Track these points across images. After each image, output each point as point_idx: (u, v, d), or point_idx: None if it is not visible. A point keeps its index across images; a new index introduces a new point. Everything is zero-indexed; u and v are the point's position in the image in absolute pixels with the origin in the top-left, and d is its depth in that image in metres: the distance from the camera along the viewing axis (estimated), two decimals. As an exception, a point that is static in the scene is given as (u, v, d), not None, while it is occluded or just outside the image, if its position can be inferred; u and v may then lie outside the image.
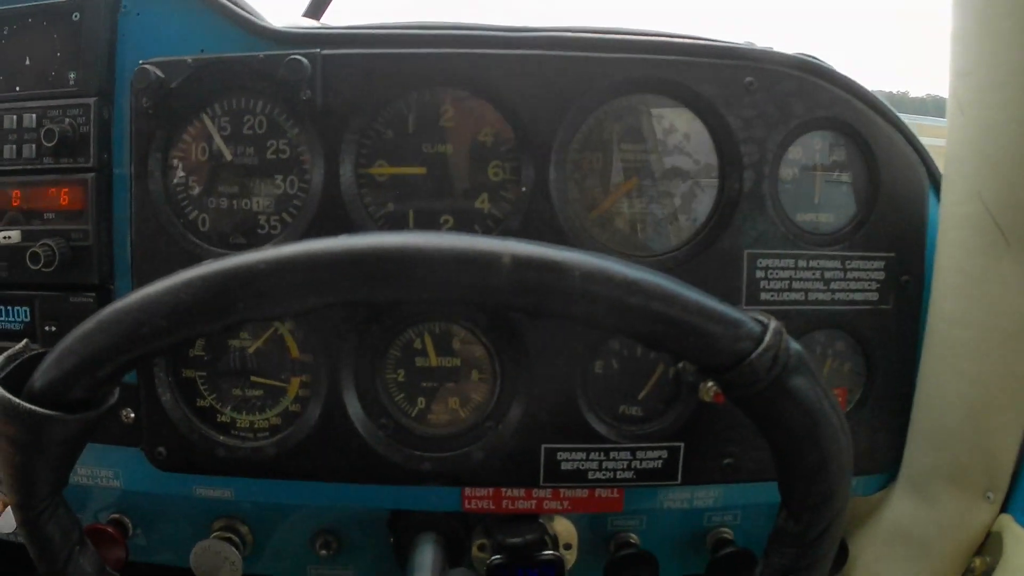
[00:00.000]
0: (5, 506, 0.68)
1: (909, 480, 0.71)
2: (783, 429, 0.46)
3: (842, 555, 0.74)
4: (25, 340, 0.48)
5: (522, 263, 0.42)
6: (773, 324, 0.45)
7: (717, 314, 0.44)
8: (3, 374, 0.45)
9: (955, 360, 0.65)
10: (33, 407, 0.44)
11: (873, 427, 0.69)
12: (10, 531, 0.70)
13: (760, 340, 0.44)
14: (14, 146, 0.65)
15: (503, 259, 0.42)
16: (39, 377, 0.45)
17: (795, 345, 0.45)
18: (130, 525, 0.72)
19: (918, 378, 0.67)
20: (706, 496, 0.69)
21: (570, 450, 0.63)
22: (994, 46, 0.57)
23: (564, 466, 0.63)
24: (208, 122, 0.63)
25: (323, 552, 0.70)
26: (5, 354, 0.46)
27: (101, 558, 0.50)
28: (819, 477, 0.46)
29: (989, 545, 0.66)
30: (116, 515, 0.72)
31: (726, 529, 0.73)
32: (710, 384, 0.49)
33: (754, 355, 0.43)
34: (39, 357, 0.46)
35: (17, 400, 0.44)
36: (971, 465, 0.66)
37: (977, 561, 0.67)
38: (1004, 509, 0.66)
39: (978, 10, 0.57)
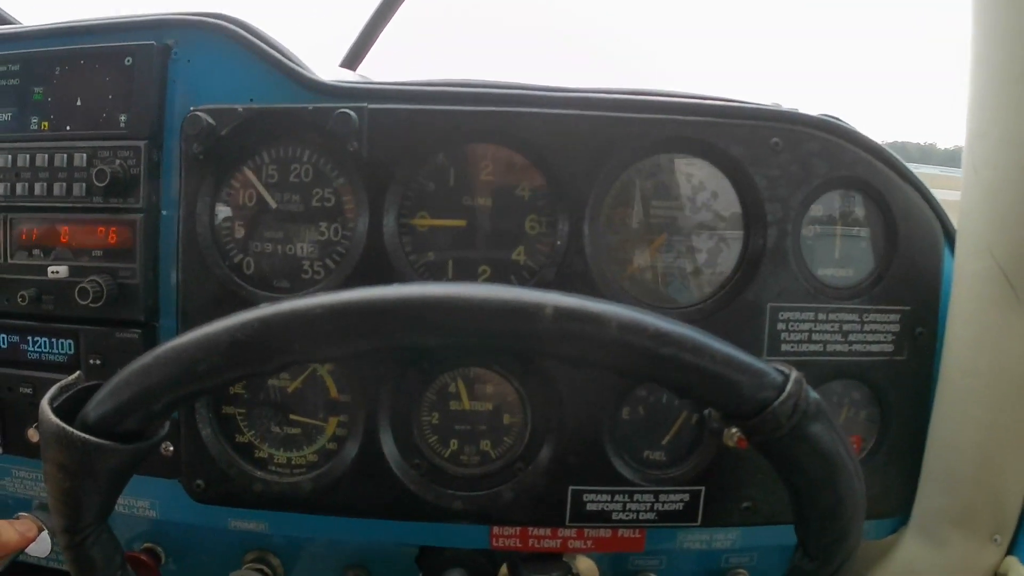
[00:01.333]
0: (40, 531, 0.72)
1: (920, 523, 0.75)
2: (801, 473, 0.50)
3: (853, 596, 0.79)
4: (78, 372, 0.52)
5: (563, 314, 0.45)
6: (794, 374, 0.48)
7: (743, 365, 0.47)
8: (56, 403, 0.48)
9: (967, 408, 0.69)
10: (86, 436, 0.46)
11: (886, 473, 0.74)
12: (44, 555, 0.74)
13: (782, 389, 0.47)
14: (64, 184, 0.69)
15: (546, 310, 0.45)
16: (93, 408, 0.48)
17: (814, 394, 0.49)
18: (163, 554, 0.76)
19: (930, 425, 0.71)
20: (724, 538, 0.73)
21: (596, 492, 0.68)
22: (1007, 110, 0.62)
23: (590, 507, 0.68)
24: (250, 174, 0.67)
25: (353, 586, 0.75)
26: (58, 385, 0.49)
27: None
28: (834, 518, 0.50)
29: None
30: (150, 544, 0.76)
31: (743, 570, 0.77)
32: (734, 430, 0.52)
33: (776, 403, 0.47)
34: (92, 389, 0.49)
35: (71, 428, 0.46)
36: (980, 509, 0.70)
37: None
38: (1010, 551, 0.70)
39: (993, 75, 0.62)
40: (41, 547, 0.73)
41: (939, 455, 0.72)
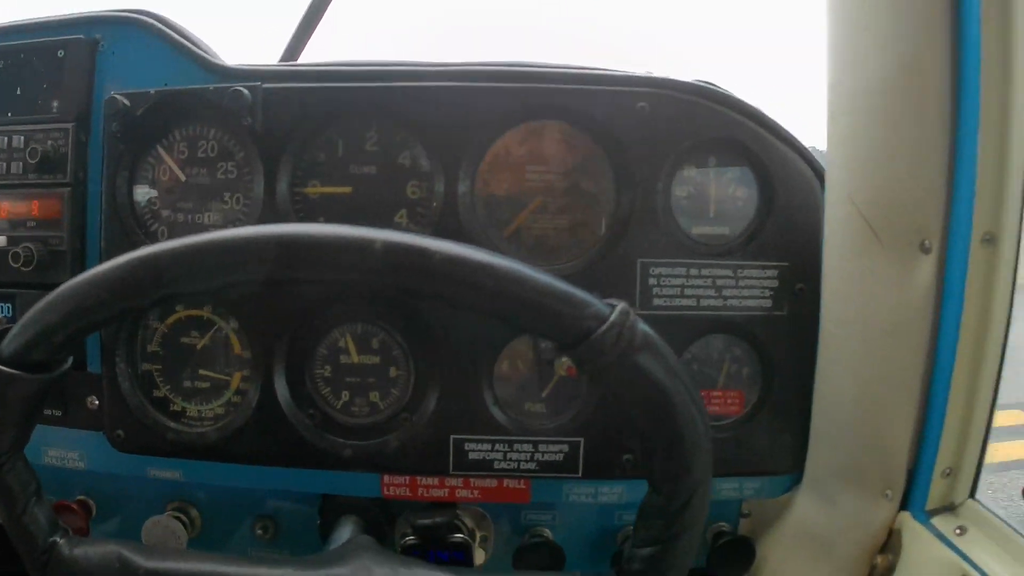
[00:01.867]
0: None
1: (812, 481, 0.77)
2: (636, 404, 0.52)
3: (749, 556, 0.81)
4: None
5: (391, 248, 0.50)
6: (620, 306, 0.50)
7: (565, 295, 0.50)
8: None
9: (845, 361, 0.71)
10: (1, 367, 0.53)
11: (773, 430, 0.76)
12: None
13: (605, 320, 0.50)
14: (4, 163, 0.79)
15: (375, 244, 0.50)
16: (5, 345, 0.55)
17: (643, 326, 0.51)
18: (94, 507, 0.84)
19: (815, 380, 0.74)
20: (610, 492, 0.77)
21: (477, 440, 0.72)
22: (859, 57, 0.64)
23: (472, 455, 0.73)
24: (162, 151, 0.75)
25: (261, 533, 0.81)
26: None
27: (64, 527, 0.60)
28: (674, 451, 0.52)
29: (891, 543, 0.72)
30: (82, 497, 0.83)
31: (623, 538, 0.80)
32: (564, 359, 0.55)
33: (598, 332, 0.49)
34: (4, 333, 0.56)
35: None
36: (868, 465, 0.71)
37: (880, 559, 0.72)
38: (903, 507, 0.71)
39: (846, 22, 0.65)
40: None
41: (824, 410, 0.74)
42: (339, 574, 0.56)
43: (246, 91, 0.71)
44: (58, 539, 0.57)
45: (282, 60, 0.94)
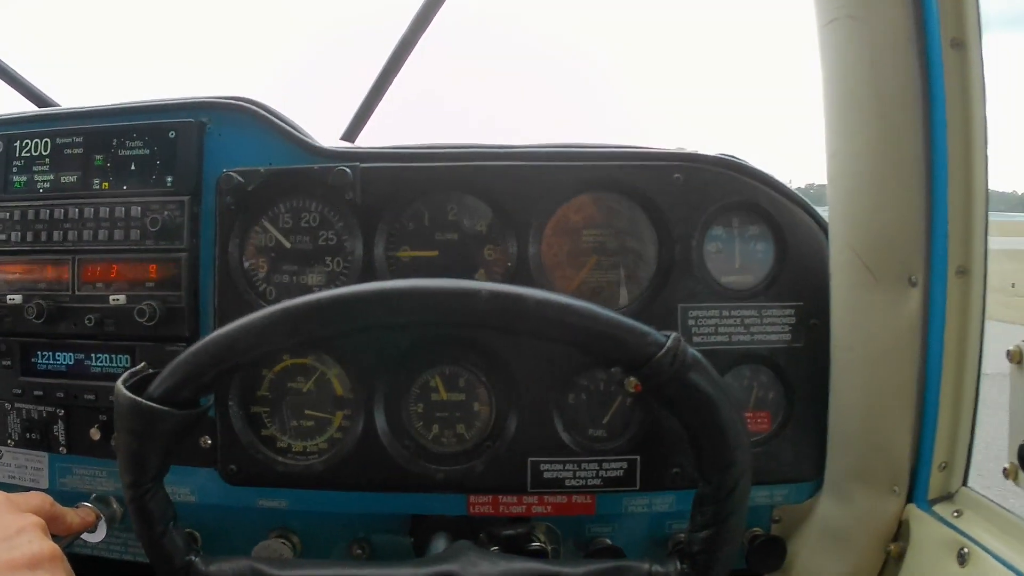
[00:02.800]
0: (98, 518, 0.90)
1: (831, 484, 0.93)
2: (688, 412, 0.67)
3: (782, 554, 0.96)
4: (144, 363, 0.70)
5: (495, 294, 0.65)
6: (673, 335, 0.66)
7: (630, 327, 0.66)
8: (128, 384, 0.67)
9: (853, 380, 0.87)
10: (151, 403, 0.65)
11: (797, 443, 0.92)
12: (99, 540, 0.91)
13: (662, 346, 0.65)
14: (123, 231, 0.91)
15: (481, 292, 0.65)
16: (157, 385, 0.66)
17: (693, 351, 0.67)
18: (199, 538, 0.95)
19: (830, 398, 0.90)
20: (663, 502, 0.91)
21: (550, 461, 0.86)
22: (850, 132, 0.81)
23: (546, 475, 0.87)
24: (269, 222, 0.89)
25: (359, 553, 0.93)
26: (128, 371, 0.68)
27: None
28: (720, 447, 0.67)
29: (901, 532, 0.87)
30: (189, 529, 0.94)
31: (683, 534, 0.94)
32: (631, 379, 0.70)
33: (657, 355, 0.65)
34: (152, 376, 0.68)
35: (141, 399, 0.65)
36: (877, 466, 0.86)
37: (892, 546, 0.87)
38: (909, 499, 0.86)
39: (839, 106, 0.82)
40: (97, 534, 0.91)
41: (838, 423, 0.90)
42: (451, 568, 0.69)
43: (348, 171, 0.85)
44: (193, 558, 0.68)
45: (343, 138, 1.09)
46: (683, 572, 0.69)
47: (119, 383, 0.66)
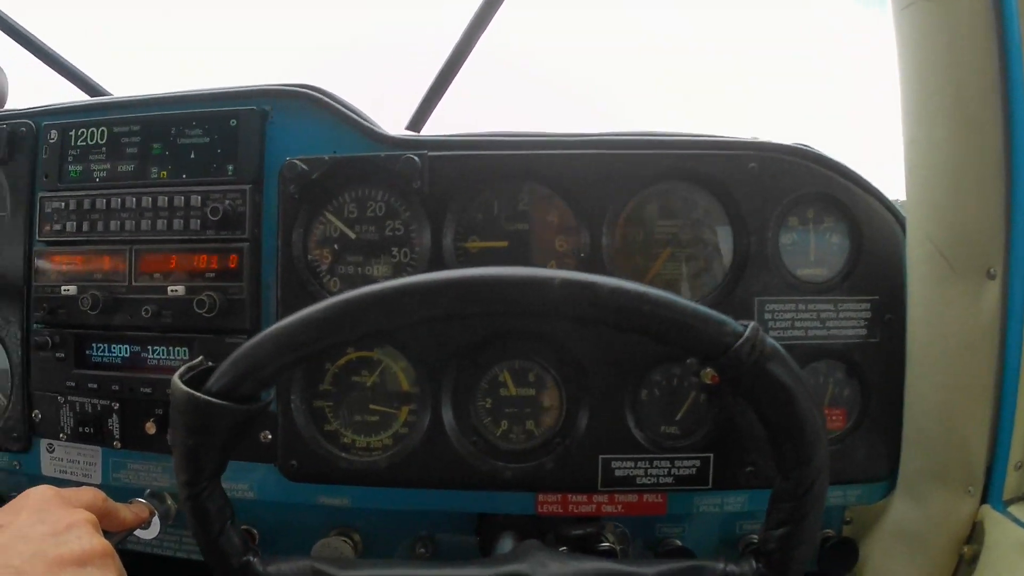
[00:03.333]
0: (152, 514, 0.88)
1: (905, 485, 0.91)
2: (767, 405, 0.64)
3: (854, 556, 0.93)
4: (201, 356, 0.67)
5: (567, 283, 0.62)
6: (752, 324, 0.63)
7: (707, 316, 0.63)
8: (184, 378, 0.64)
9: (929, 375, 0.85)
10: (208, 398, 0.62)
11: (871, 441, 0.90)
12: (152, 536, 0.90)
13: (741, 335, 0.62)
14: (181, 220, 0.89)
15: (554, 281, 0.62)
16: (216, 379, 0.63)
17: (771, 341, 0.64)
18: (257, 535, 0.93)
19: (905, 395, 0.88)
20: (735, 501, 0.89)
21: (622, 459, 0.84)
22: (931, 118, 0.79)
23: (617, 472, 0.84)
24: (332, 214, 0.86)
25: (423, 551, 0.91)
26: (185, 365, 0.66)
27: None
28: (798, 442, 0.64)
29: (975, 533, 0.84)
30: (246, 526, 0.93)
31: (754, 536, 0.92)
32: (708, 370, 0.67)
33: (736, 345, 0.62)
34: (211, 370, 0.65)
35: (198, 393, 0.62)
36: (952, 464, 0.84)
37: (966, 549, 0.85)
38: (984, 500, 0.83)
39: (918, 93, 0.80)
40: (151, 530, 0.89)
41: (914, 421, 0.88)
42: (519, 568, 0.67)
43: (416, 159, 0.83)
44: (251, 558, 0.66)
45: (409, 127, 1.07)
46: (759, 571, 0.67)
47: (175, 377, 0.64)
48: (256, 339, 0.64)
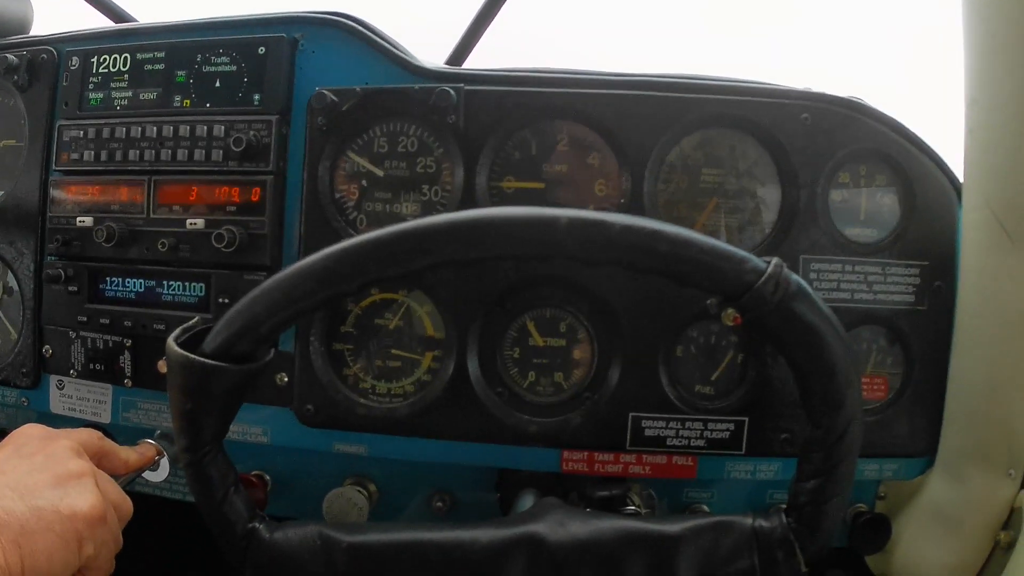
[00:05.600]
0: (160, 455, 0.84)
1: (944, 462, 0.86)
2: (794, 346, 0.60)
3: (886, 533, 0.89)
4: (198, 317, 0.64)
5: (575, 222, 0.58)
6: (775, 260, 0.59)
7: (727, 252, 0.59)
8: (181, 340, 0.61)
9: (978, 349, 0.80)
10: (205, 360, 0.58)
11: (912, 414, 0.85)
12: (161, 479, 0.86)
13: (763, 272, 0.58)
14: (203, 151, 0.85)
15: (561, 220, 0.58)
16: (211, 339, 0.60)
17: (796, 277, 0.59)
18: (270, 481, 0.89)
19: (950, 369, 0.83)
20: (767, 469, 0.85)
21: (653, 418, 0.80)
22: (995, 78, 0.74)
23: (647, 432, 0.80)
24: (362, 148, 0.82)
25: (440, 506, 0.87)
26: (181, 327, 0.62)
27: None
28: (829, 385, 0.60)
29: (1012, 520, 0.80)
30: (258, 472, 0.89)
31: (784, 505, 0.88)
32: (730, 310, 0.62)
33: (759, 283, 0.58)
34: (209, 329, 0.61)
35: (192, 355, 0.58)
36: (995, 445, 0.80)
37: (1003, 535, 0.80)
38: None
39: (983, 49, 0.75)
40: (159, 473, 0.85)
41: (957, 396, 0.84)
42: (536, 529, 0.63)
43: (452, 91, 0.79)
44: (257, 524, 0.63)
45: (448, 62, 1.02)
46: (789, 525, 0.64)
47: (170, 339, 0.60)
48: (252, 294, 0.61)
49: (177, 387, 0.60)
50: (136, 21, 1.16)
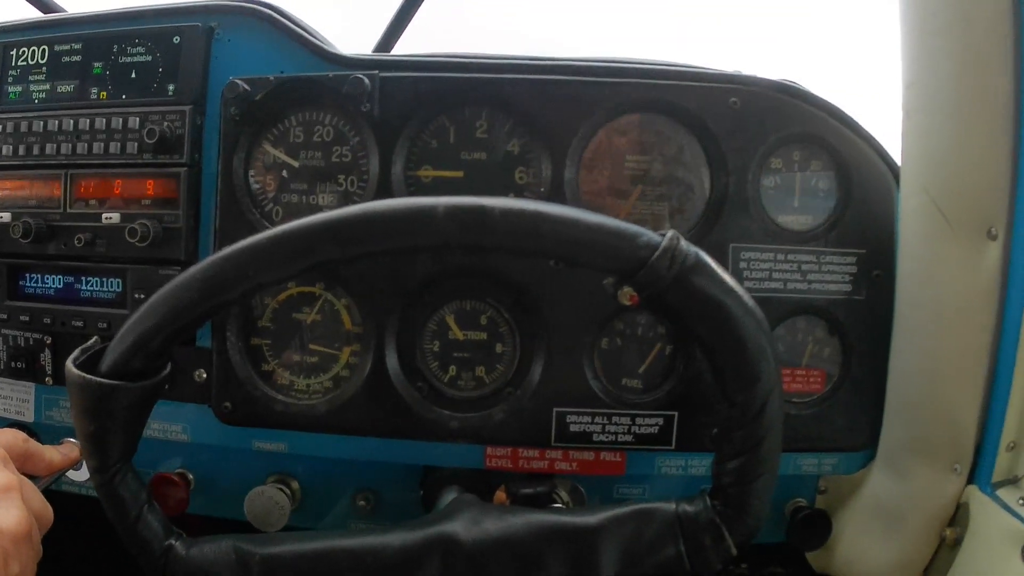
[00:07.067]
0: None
1: (885, 456, 0.83)
2: (697, 323, 0.57)
3: (826, 530, 0.86)
4: (96, 337, 0.62)
5: (452, 210, 0.56)
6: (670, 233, 0.56)
7: (616, 229, 0.56)
8: (78, 361, 0.59)
9: (918, 341, 0.77)
10: (99, 379, 0.57)
11: (851, 407, 0.82)
12: (85, 478, 0.83)
13: (657, 247, 0.55)
14: (119, 143, 0.83)
15: (438, 209, 0.56)
16: (107, 358, 0.59)
17: (694, 249, 0.57)
18: (192, 480, 0.87)
19: (890, 360, 0.80)
20: (700, 464, 0.82)
21: (578, 413, 0.77)
22: (932, 61, 0.71)
23: (573, 428, 0.77)
24: (276, 138, 0.80)
25: (363, 504, 0.85)
26: (79, 348, 0.61)
27: (164, 502, 0.62)
28: (741, 359, 0.57)
29: (959, 516, 0.77)
30: (181, 470, 0.87)
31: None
32: (626, 289, 0.59)
33: (652, 258, 0.55)
34: (103, 351, 0.59)
35: (88, 375, 0.57)
36: (938, 439, 0.77)
37: (948, 532, 0.77)
38: (970, 481, 0.76)
39: (919, 31, 0.72)
40: (83, 471, 0.83)
41: (898, 388, 0.80)
42: (451, 528, 0.61)
43: (365, 79, 0.76)
44: (173, 542, 0.61)
45: (376, 51, 0.99)
46: (715, 508, 0.60)
47: (68, 361, 0.59)
48: (142, 308, 0.59)
49: (78, 409, 0.58)
50: (64, 12, 1.14)
